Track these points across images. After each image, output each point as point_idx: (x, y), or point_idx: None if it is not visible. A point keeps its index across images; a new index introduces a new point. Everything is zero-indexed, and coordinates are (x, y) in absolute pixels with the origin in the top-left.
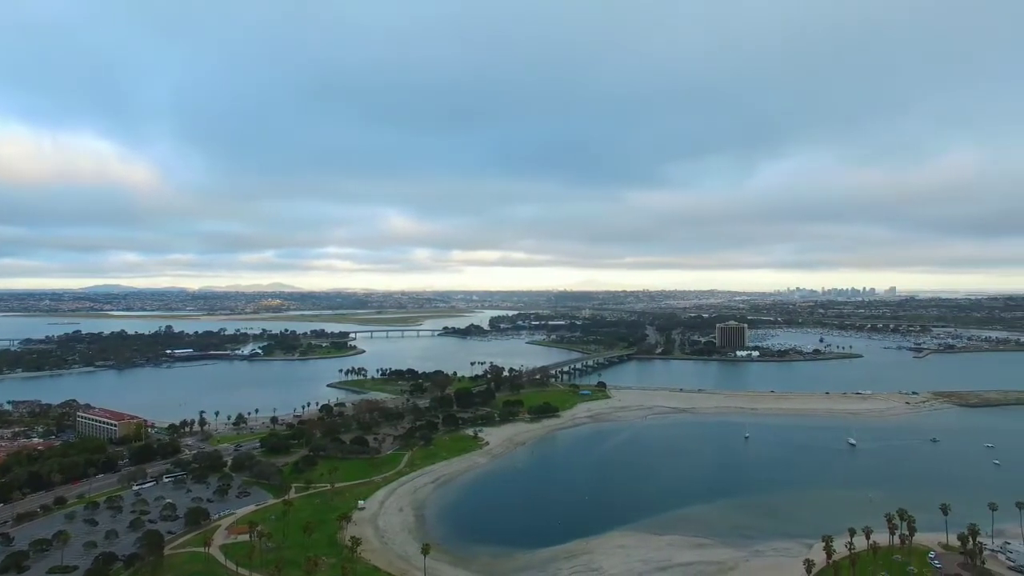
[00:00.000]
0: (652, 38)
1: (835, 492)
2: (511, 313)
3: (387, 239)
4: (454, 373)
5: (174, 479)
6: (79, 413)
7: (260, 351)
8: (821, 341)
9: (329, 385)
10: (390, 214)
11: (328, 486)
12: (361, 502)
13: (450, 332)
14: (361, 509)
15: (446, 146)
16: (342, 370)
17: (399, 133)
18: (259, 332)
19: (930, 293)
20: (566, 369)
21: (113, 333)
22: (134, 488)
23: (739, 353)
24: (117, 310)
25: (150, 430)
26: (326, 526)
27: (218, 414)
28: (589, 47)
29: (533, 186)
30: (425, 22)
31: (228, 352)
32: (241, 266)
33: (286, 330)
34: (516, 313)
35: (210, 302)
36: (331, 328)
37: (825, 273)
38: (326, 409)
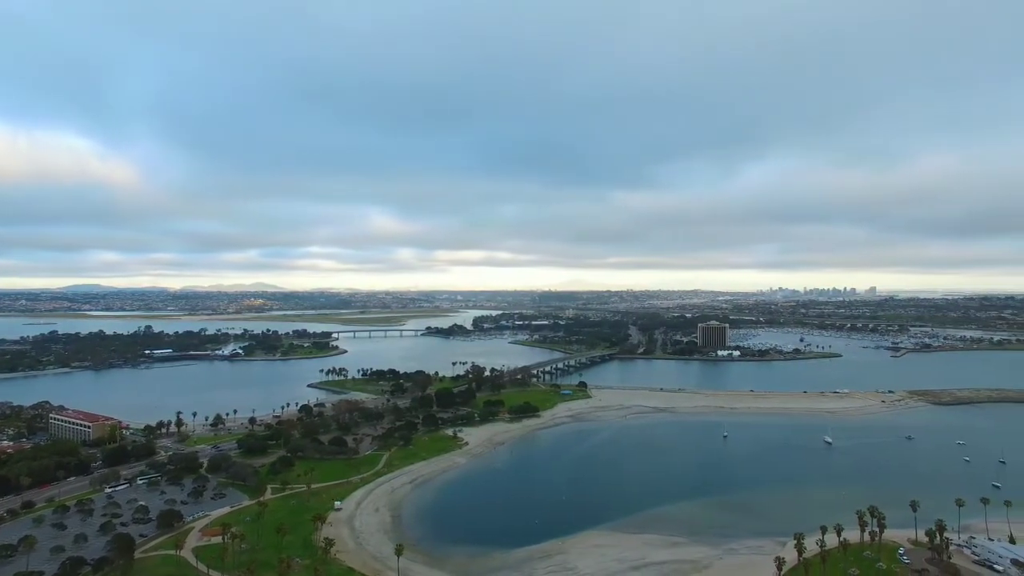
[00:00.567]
0: (633, 41)
1: (810, 490)
2: (495, 313)
3: (371, 239)
4: (435, 373)
5: (148, 481)
6: (52, 415)
7: (241, 351)
8: (801, 341)
9: (310, 385)
10: (374, 214)
11: (305, 487)
12: (338, 503)
13: (433, 332)
14: (337, 510)
15: (430, 146)
16: (323, 370)
17: (382, 133)
18: (240, 332)
19: (909, 293)
20: (548, 369)
21: (91, 333)
22: (106, 491)
23: (720, 353)
24: (96, 310)
25: (125, 431)
26: (301, 527)
27: (195, 415)
28: (571, 48)
29: (517, 186)
30: (408, 23)
31: (208, 352)
32: (224, 266)
33: (268, 330)
34: (500, 313)
35: (191, 302)
36: (314, 328)
37: (807, 273)
38: (305, 409)
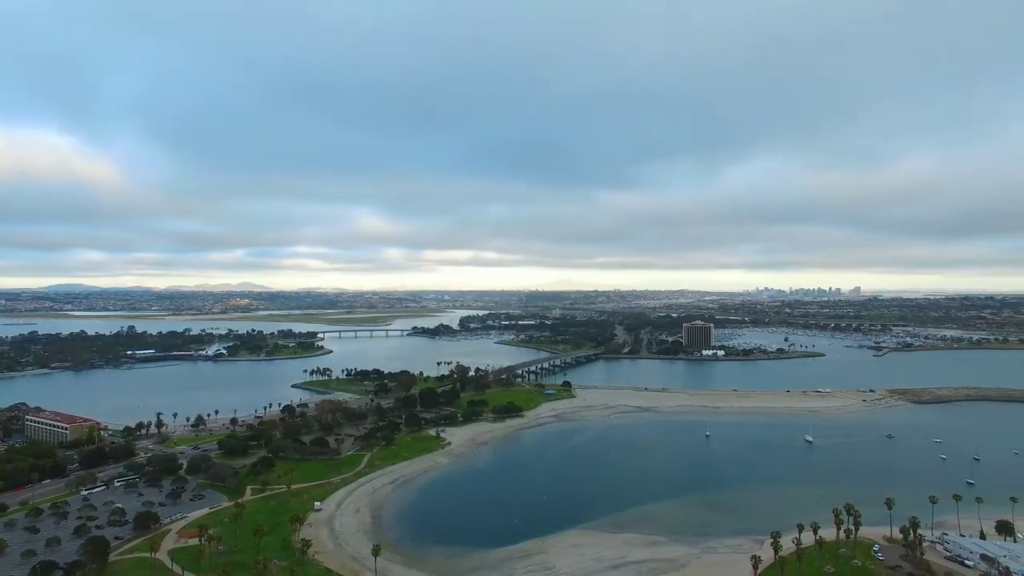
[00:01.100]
0: (619, 43)
1: (790, 488)
2: (482, 313)
3: (358, 239)
4: (420, 373)
5: (126, 483)
6: (28, 416)
7: (225, 351)
8: (786, 340)
9: (294, 386)
10: (361, 214)
11: (285, 488)
12: (318, 503)
13: (419, 332)
14: (317, 510)
15: (417, 146)
16: (307, 370)
17: (369, 133)
18: (225, 332)
19: (893, 293)
20: (533, 369)
21: (72, 334)
22: (82, 493)
23: (705, 352)
24: (78, 310)
25: (104, 433)
26: (280, 528)
27: (176, 415)
28: (558, 51)
29: (504, 186)
30: (395, 24)
31: (192, 353)
32: (210, 265)
33: (253, 330)
34: (487, 313)
35: (176, 302)
36: (299, 328)
37: (793, 273)
38: (288, 410)
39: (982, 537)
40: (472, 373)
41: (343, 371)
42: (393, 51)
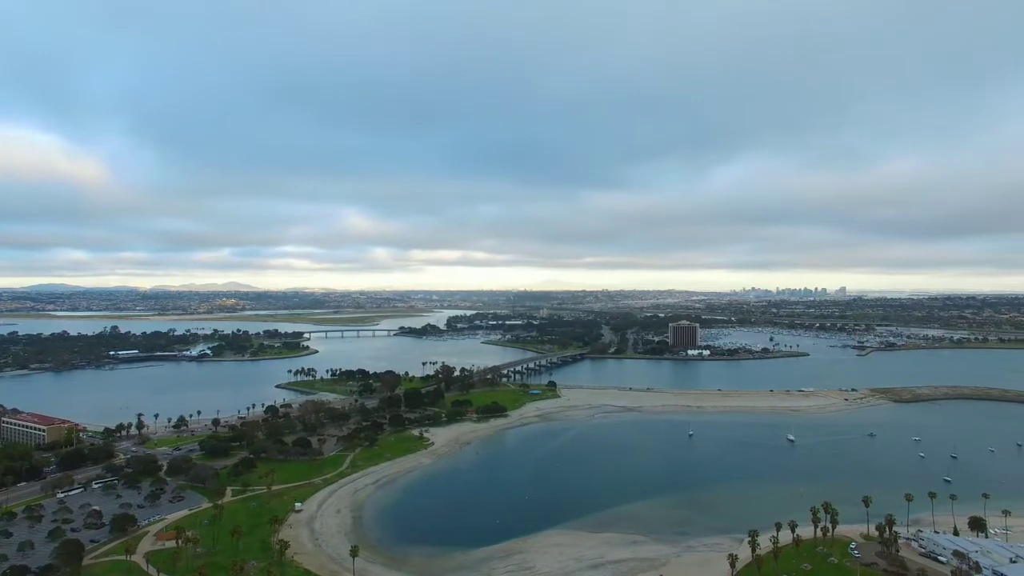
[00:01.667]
0: (607, 44)
1: (771, 487)
2: (469, 313)
3: (346, 238)
4: (406, 373)
5: (104, 485)
6: (4, 418)
7: (209, 352)
8: (771, 340)
9: (278, 386)
10: (349, 213)
11: (265, 489)
12: (298, 504)
13: (406, 332)
14: (298, 511)
15: (404, 146)
16: (291, 371)
17: (357, 133)
18: (210, 333)
19: (877, 293)
20: (519, 369)
21: (53, 334)
22: (58, 496)
23: (691, 352)
24: (61, 310)
25: (83, 434)
26: (260, 529)
27: (157, 416)
28: (546, 51)
29: (492, 186)
30: (383, 23)
31: (176, 353)
32: (196, 265)
33: (238, 330)
34: (474, 313)
35: (162, 302)
36: (285, 328)
37: (780, 273)
38: (271, 410)
39: (956, 533)
40: (457, 373)
41: (328, 371)
42: (381, 51)
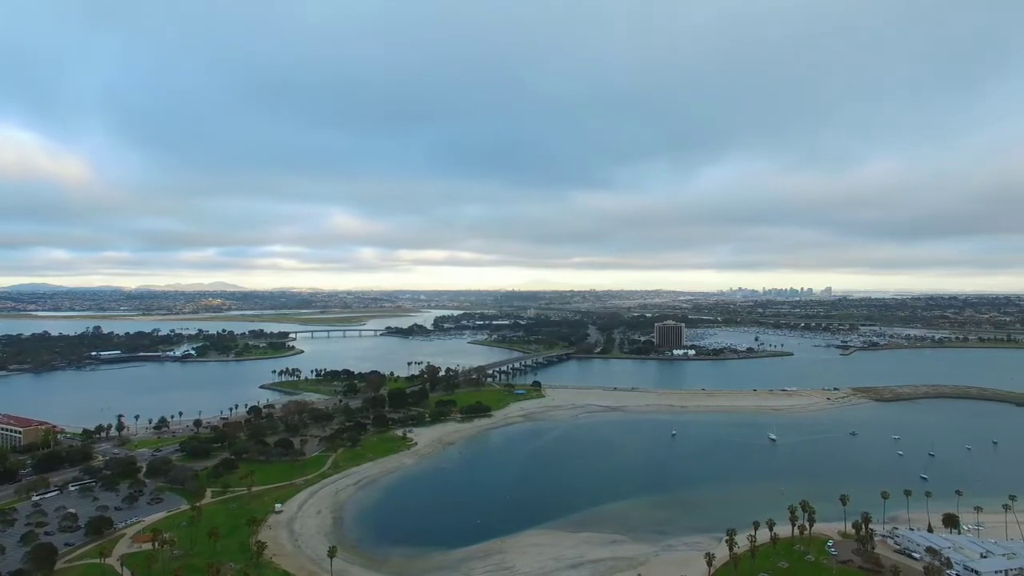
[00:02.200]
0: (594, 45)
1: (751, 486)
2: (456, 313)
3: (333, 238)
4: (391, 373)
5: (80, 487)
6: None
7: (193, 352)
8: (756, 340)
9: (262, 386)
10: (336, 213)
11: (246, 490)
12: (279, 505)
13: (393, 332)
14: (278, 512)
15: (391, 146)
16: (276, 371)
17: (345, 133)
18: (195, 333)
19: (863, 293)
20: (504, 369)
21: (34, 335)
22: (33, 499)
23: (676, 352)
24: (43, 310)
25: (61, 436)
26: (239, 531)
27: (138, 418)
28: (531, 50)
29: (480, 186)
30: (371, 23)
31: (159, 354)
32: (182, 264)
33: (224, 330)
34: (461, 313)
35: (146, 302)
36: (271, 328)
37: (767, 273)
38: (254, 411)
39: (930, 530)
40: (443, 373)
41: (313, 372)
42: (366, 51)
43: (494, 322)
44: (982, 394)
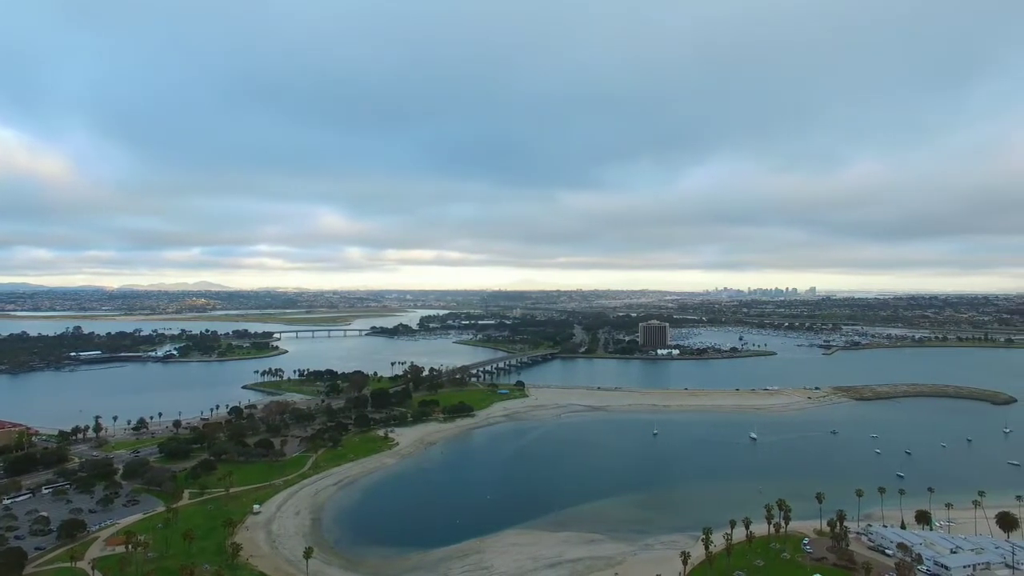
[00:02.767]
0: (580, 44)
1: (731, 485)
2: (442, 312)
3: (319, 237)
4: (374, 373)
5: (54, 490)
6: None
7: (175, 352)
8: (740, 339)
9: (245, 387)
10: (322, 212)
11: (224, 491)
12: (257, 506)
13: (378, 332)
14: (256, 513)
15: (377, 145)
16: (259, 371)
17: (329, 132)
18: (178, 333)
19: (846, 293)
20: (488, 368)
21: (12, 335)
22: (4, 502)
23: (660, 352)
24: (22, 310)
25: (35, 438)
26: (216, 533)
27: (116, 419)
28: (520, 51)
29: (467, 186)
30: (357, 21)
31: (140, 354)
32: (166, 264)
33: (207, 330)
34: (447, 313)
35: (129, 301)
36: (256, 328)
37: (752, 273)
38: (235, 411)
39: (903, 527)
40: (426, 373)
41: (296, 371)
42: (352, 50)
43: (480, 322)
44: (959, 392)
